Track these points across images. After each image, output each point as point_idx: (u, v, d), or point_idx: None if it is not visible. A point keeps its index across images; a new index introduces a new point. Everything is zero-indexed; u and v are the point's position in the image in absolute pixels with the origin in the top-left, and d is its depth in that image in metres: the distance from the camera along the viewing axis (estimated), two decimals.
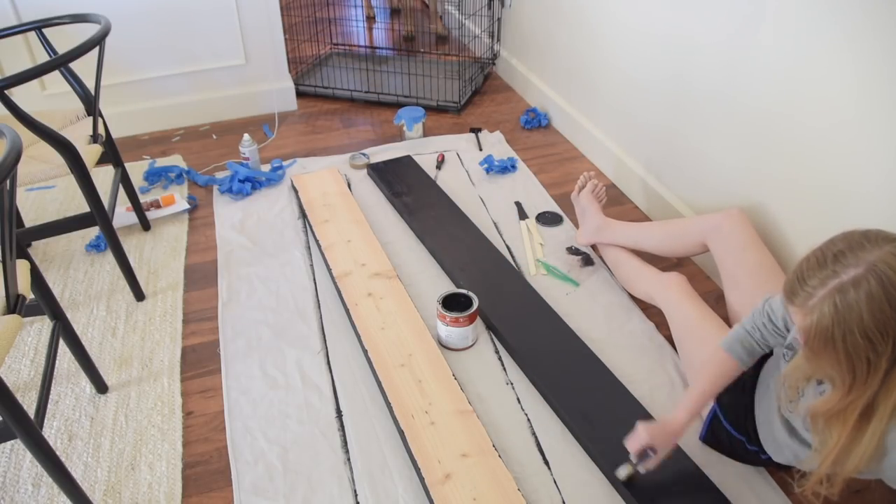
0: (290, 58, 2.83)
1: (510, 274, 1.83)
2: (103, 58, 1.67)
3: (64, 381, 1.56)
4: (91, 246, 1.98)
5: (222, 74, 2.68)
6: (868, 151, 1.31)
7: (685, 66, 1.84)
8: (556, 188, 2.27)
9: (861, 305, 0.81)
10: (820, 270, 0.86)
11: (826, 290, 0.84)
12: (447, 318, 1.57)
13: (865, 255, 0.83)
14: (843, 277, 0.83)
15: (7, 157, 0.98)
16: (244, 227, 2.08)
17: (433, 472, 1.28)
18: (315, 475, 1.34)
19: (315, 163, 2.44)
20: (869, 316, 0.81)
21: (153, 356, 1.63)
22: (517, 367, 1.59)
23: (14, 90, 1.47)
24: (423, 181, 2.26)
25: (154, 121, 2.67)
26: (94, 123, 1.74)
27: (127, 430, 1.44)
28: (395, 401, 1.43)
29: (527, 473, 1.34)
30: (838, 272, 0.84)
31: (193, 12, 2.50)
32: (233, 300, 1.79)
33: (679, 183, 1.98)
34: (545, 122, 2.71)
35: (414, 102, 2.82)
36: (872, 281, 0.81)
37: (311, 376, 1.56)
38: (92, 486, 1.33)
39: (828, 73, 1.37)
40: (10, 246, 1.07)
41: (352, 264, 1.84)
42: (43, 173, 1.60)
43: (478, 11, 3.16)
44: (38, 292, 1.30)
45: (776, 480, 1.32)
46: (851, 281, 0.82)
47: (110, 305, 1.78)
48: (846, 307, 0.82)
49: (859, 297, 0.81)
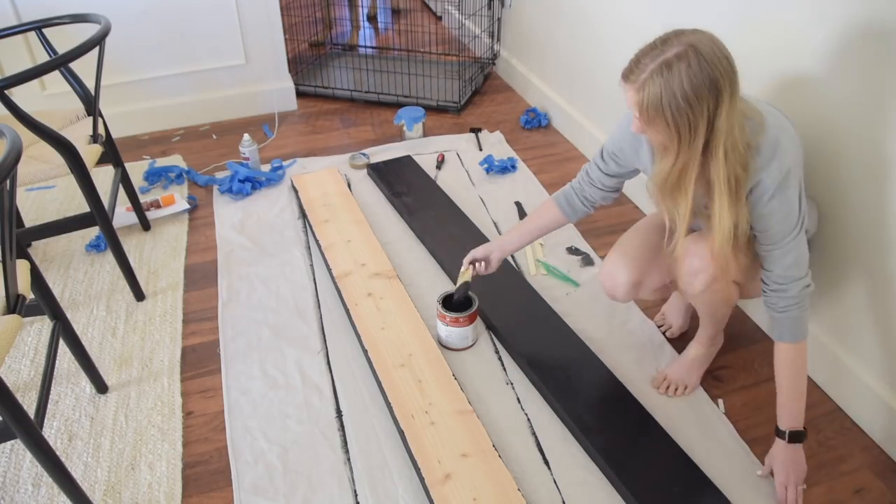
0: (290, 58, 2.83)
1: (510, 274, 1.83)
2: (103, 58, 1.67)
3: (64, 381, 1.56)
4: (91, 246, 1.98)
5: (222, 74, 2.68)
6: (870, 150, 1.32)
7: None
8: (556, 188, 2.26)
9: (682, 74, 1.01)
10: (651, 51, 1.06)
11: (655, 65, 1.03)
12: (447, 318, 1.57)
13: (686, 37, 1.03)
14: (667, 54, 1.03)
15: (7, 157, 0.98)
16: (244, 227, 2.08)
17: (433, 472, 1.28)
18: (315, 475, 1.34)
19: (315, 163, 2.44)
20: (688, 82, 1.01)
21: (153, 356, 1.63)
22: (517, 367, 1.59)
23: (14, 90, 1.47)
24: (423, 181, 2.26)
25: (154, 121, 2.67)
26: (94, 123, 1.74)
27: (127, 430, 1.44)
28: (395, 401, 1.43)
29: (527, 473, 1.34)
30: (665, 51, 1.03)
31: (193, 12, 2.50)
32: (233, 300, 1.79)
33: None
34: (545, 122, 2.71)
35: (414, 102, 2.82)
36: (691, 54, 1.01)
37: (311, 376, 1.56)
38: (92, 486, 1.33)
39: (829, 72, 1.37)
40: (10, 246, 1.07)
41: (352, 264, 1.84)
42: (43, 173, 1.60)
43: (478, 11, 3.16)
44: (38, 292, 1.30)
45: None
46: (674, 55, 1.02)
47: (110, 305, 1.78)
48: (670, 76, 1.02)
49: (680, 68, 1.01)
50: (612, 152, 1.39)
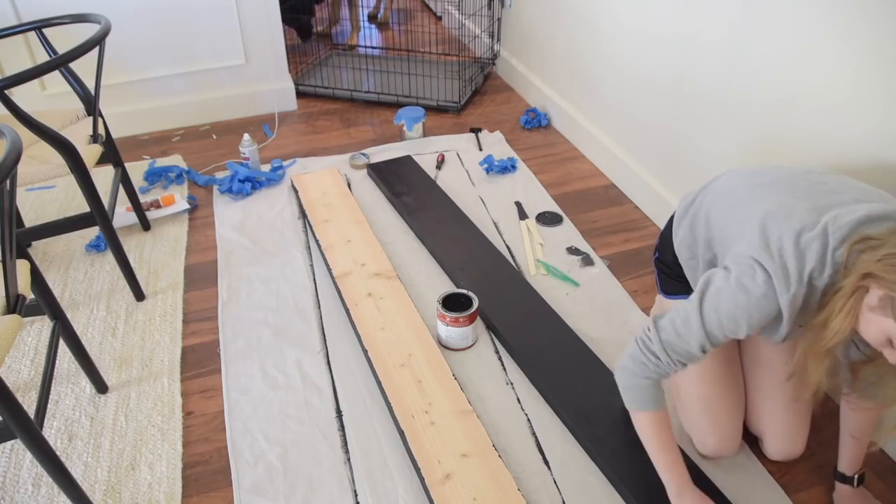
0: (290, 58, 2.82)
1: (510, 274, 1.83)
2: (103, 58, 1.67)
3: (64, 381, 1.56)
4: (91, 246, 1.98)
5: (222, 74, 2.68)
6: (868, 149, 1.32)
7: (685, 64, 1.84)
8: (556, 188, 2.27)
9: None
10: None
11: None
12: (447, 318, 1.57)
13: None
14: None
15: (7, 157, 0.98)
16: (244, 227, 2.08)
17: (433, 472, 1.28)
18: (315, 475, 1.34)
19: (315, 163, 2.44)
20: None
21: (153, 356, 1.63)
22: (517, 367, 1.58)
23: (14, 90, 1.47)
24: (423, 181, 2.26)
25: (154, 121, 2.67)
26: (94, 123, 1.74)
27: (127, 430, 1.44)
28: (395, 401, 1.43)
29: (527, 473, 1.34)
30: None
31: (193, 12, 2.50)
32: (233, 300, 1.79)
33: (679, 182, 1.98)
34: (545, 122, 2.71)
35: (414, 102, 2.82)
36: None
37: (311, 376, 1.56)
38: (92, 486, 1.33)
39: (829, 76, 1.37)
40: (10, 246, 1.07)
41: (352, 264, 1.84)
42: (43, 173, 1.60)
43: (478, 11, 3.16)
44: (38, 292, 1.30)
45: (781, 485, 1.32)
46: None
47: (110, 305, 1.78)
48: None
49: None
50: (727, 335, 1.07)
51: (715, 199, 1.20)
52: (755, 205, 1.08)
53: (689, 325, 1.06)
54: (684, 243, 1.29)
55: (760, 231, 1.03)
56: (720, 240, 1.16)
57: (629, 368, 1.15)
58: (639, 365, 1.13)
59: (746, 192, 1.13)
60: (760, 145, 1.61)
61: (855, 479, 1.26)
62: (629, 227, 2.10)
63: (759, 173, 1.18)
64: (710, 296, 1.05)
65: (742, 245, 1.05)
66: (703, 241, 1.23)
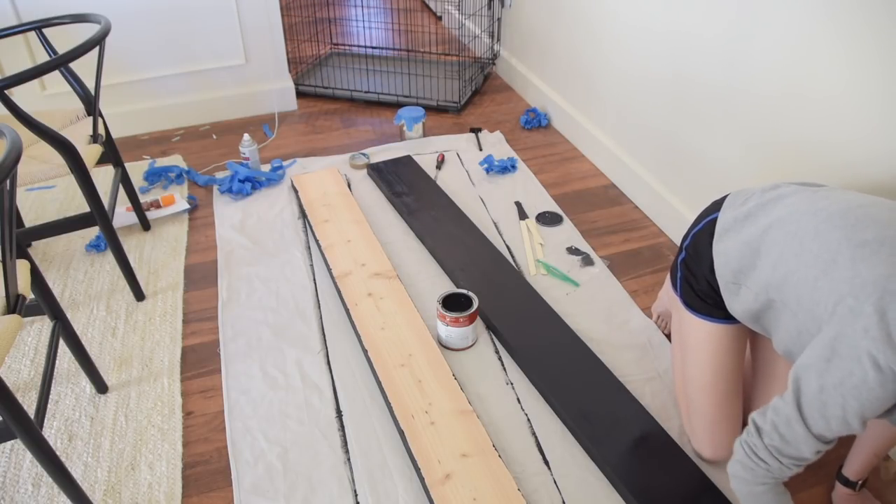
0: (290, 58, 2.82)
1: (510, 274, 1.83)
2: (103, 58, 1.67)
3: (64, 381, 1.56)
4: (91, 246, 1.98)
5: (222, 74, 2.68)
6: (868, 148, 1.32)
7: (685, 64, 1.84)
8: (556, 188, 2.27)
9: None
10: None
11: None
12: (447, 318, 1.57)
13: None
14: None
15: (7, 157, 0.98)
16: (244, 227, 2.08)
17: (433, 472, 1.28)
18: (315, 475, 1.34)
19: (315, 163, 2.44)
20: None
21: (153, 356, 1.63)
22: (517, 367, 1.59)
23: (14, 90, 1.48)
24: (423, 181, 2.26)
25: (154, 121, 2.67)
26: (94, 123, 1.74)
27: (127, 430, 1.44)
28: (395, 401, 1.43)
29: (527, 473, 1.34)
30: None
31: (193, 12, 2.50)
32: (233, 300, 1.79)
33: (679, 182, 1.98)
34: (545, 122, 2.71)
35: (414, 102, 2.82)
36: None
37: (311, 376, 1.56)
38: (92, 486, 1.33)
39: (828, 71, 1.37)
40: (10, 246, 1.07)
41: (352, 264, 1.84)
42: (43, 173, 1.60)
43: (478, 11, 3.16)
44: (38, 292, 1.30)
45: None
46: None
47: (110, 305, 1.78)
48: None
49: None
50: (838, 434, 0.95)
51: (787, 239, 1.04)
52: (860, 272, 0.91)
53: (792, 430, 0.95)
54: (729, 267, 1.15)
55: (880, 317, 0.85)
56: (796, 297, 1.01)
57: (740, 476, 1.03)
58: (749, 472, 1.02)
59: (844, 251, 0.94)
60: (761, 142, 1.61)
61: (858, 484, 1.27)
62: (629, 226, 2.10)
63: (847, 216, 0.99)
64: (811, 398, 0.92)
65: (850, 328, 0.88)
66: (762, 279, 1.08)
